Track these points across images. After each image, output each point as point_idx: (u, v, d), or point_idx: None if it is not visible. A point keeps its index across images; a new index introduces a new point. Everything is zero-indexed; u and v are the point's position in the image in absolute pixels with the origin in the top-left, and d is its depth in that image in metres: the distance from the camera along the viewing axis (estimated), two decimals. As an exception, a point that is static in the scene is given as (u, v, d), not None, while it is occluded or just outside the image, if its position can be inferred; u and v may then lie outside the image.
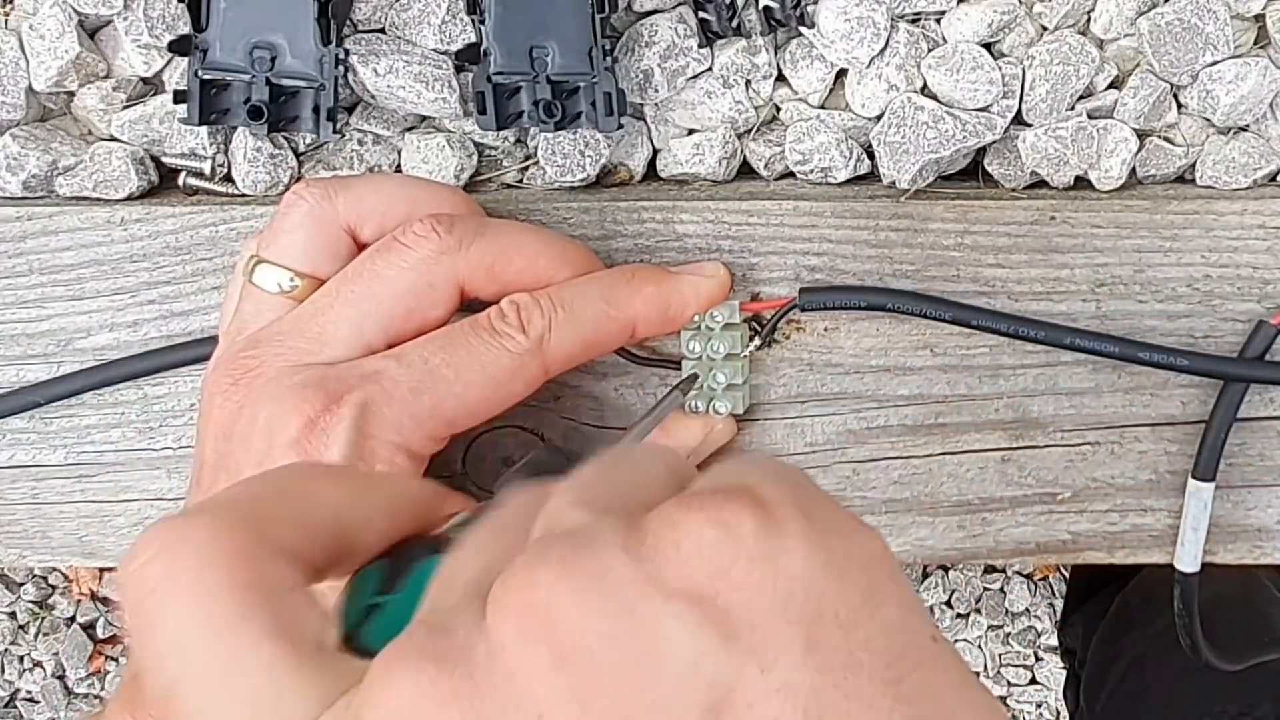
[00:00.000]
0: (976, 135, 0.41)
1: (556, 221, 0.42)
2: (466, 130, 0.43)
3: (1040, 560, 0.44)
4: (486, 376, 0.35)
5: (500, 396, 0.36)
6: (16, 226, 0.42)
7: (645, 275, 0.39)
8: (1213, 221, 0.41)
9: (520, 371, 0.36)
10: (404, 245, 0.36)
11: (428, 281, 0.36)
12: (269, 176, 0.42)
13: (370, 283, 0.36)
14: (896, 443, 0.42)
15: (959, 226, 0.41)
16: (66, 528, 0.44)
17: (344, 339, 0.35)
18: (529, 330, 0.36)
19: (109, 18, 0.42)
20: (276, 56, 0.40)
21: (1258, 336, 0.41)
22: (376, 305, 0.36)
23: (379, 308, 0.36)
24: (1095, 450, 0.42)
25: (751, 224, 0.41)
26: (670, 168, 0.43)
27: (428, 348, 0.35)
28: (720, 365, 0.40)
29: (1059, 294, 0.41)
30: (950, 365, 0.42)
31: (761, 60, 0.42)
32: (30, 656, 1.38)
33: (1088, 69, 0.40)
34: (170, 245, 0.42)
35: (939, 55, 0.41)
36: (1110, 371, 0.42)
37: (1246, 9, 0.40)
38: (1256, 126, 0.42)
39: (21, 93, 0.42)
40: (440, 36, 0.41)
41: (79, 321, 0.43)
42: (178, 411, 0.43)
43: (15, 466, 0.44)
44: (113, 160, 0.43)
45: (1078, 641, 0.86)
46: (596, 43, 0.39)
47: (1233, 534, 0.43)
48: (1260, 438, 0.42)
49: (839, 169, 0.42)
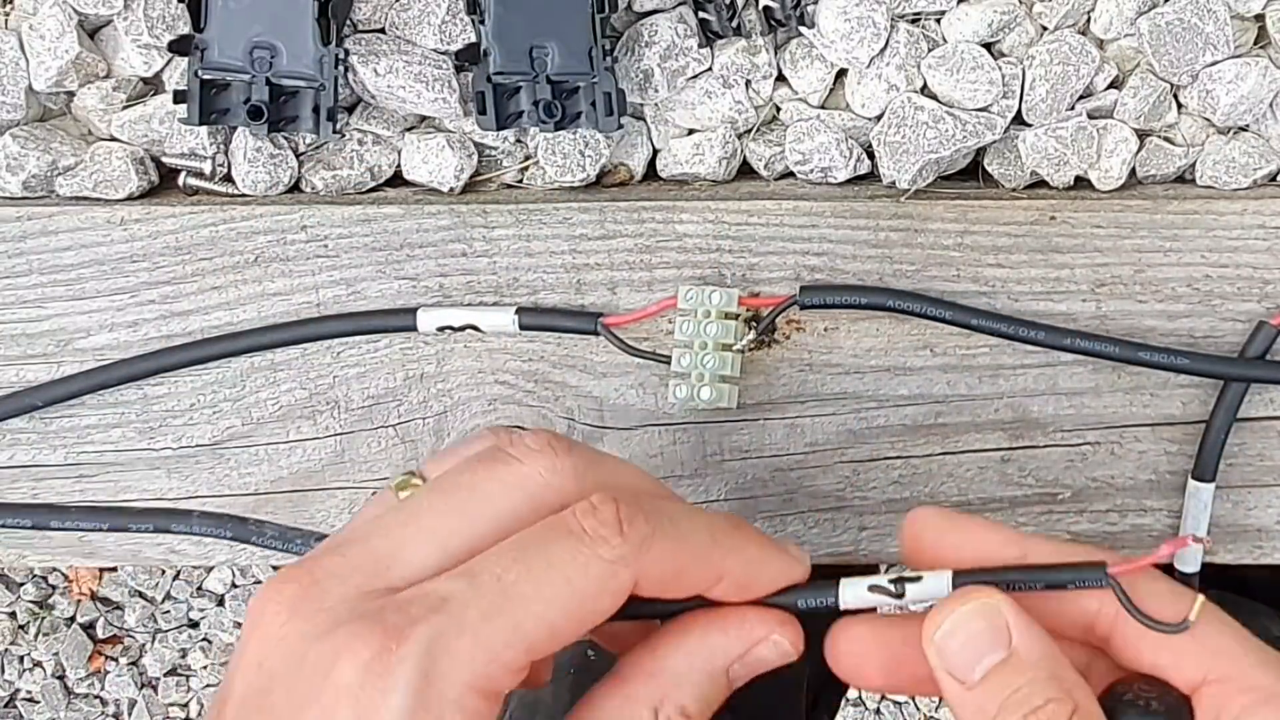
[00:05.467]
0: (976, 135, 0.41)
1: (556, 221, 0.42)
2: (466, 130, 0.43)
3: (1040, 560, 0.44)
4: (570, 589, 0.29)
5: (587, 613, 0.29)
6: (16, 226, 0.42)
7: (749, 533, 0.33)
8: (1213, 221, 0.41)
9: (611, 582, 0.29)
10: (512, 458, 0.31)
11: (533, 505, 0.31)
12: (269, 176, 0.42)
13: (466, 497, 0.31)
14: (896, 443, 0.42)
15: (959, 226, 0.41)
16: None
17: (420, 559, 0.30)
18: (629, 534, 0.30)
19: (109, 18, 0.42)
20: (276, 56, 0.40)
21: (1258, 337, 0.41)
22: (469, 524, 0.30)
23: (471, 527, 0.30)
24: (1095, 450, 0.42)
25: (751, 224, 0.41)
26: (670, 168, 0.43)
27: (502, 561, 0.29)
28: (712, 351, 0.40)
29: (1059, 294, 0.41)
30: (950, 365, 0.42)
31: (761, 60, 0.42)
32: (30, 656, 1.38)
33: (1088, 69, 0.40)
34: (170, 245, 0.42)
35: (939, 55, 0.41)
36: (1110, 371, 0.42)
37: (1246, 9, 0.40)
38: (1256, 126, 0.42)
39: (21, 93, 0.42)
40: (440, 36, 0.41)
41: (79, 321, 0.43)
42: (178, 412, 0.43)
43: (15, 466, 0.44)
44: (113, 160, 0.43)
45: None
46: (596, 43, 0.39)
47: (1233, 534, 0.43)
48: (1260, 438, 0.42)
49: (839, 169, 0.42)
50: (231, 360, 0.43)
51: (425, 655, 0.27)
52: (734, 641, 0.33)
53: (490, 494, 0.31)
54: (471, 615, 0.28)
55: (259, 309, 0.43)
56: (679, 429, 0.43)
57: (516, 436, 0.32)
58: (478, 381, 0.43)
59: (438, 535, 0.30)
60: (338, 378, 0.43)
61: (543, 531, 0.30)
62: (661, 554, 0.30)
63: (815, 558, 0.43)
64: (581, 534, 0.29)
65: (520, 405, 0.43)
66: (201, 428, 0.43)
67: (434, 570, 0.30)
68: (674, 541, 0.30)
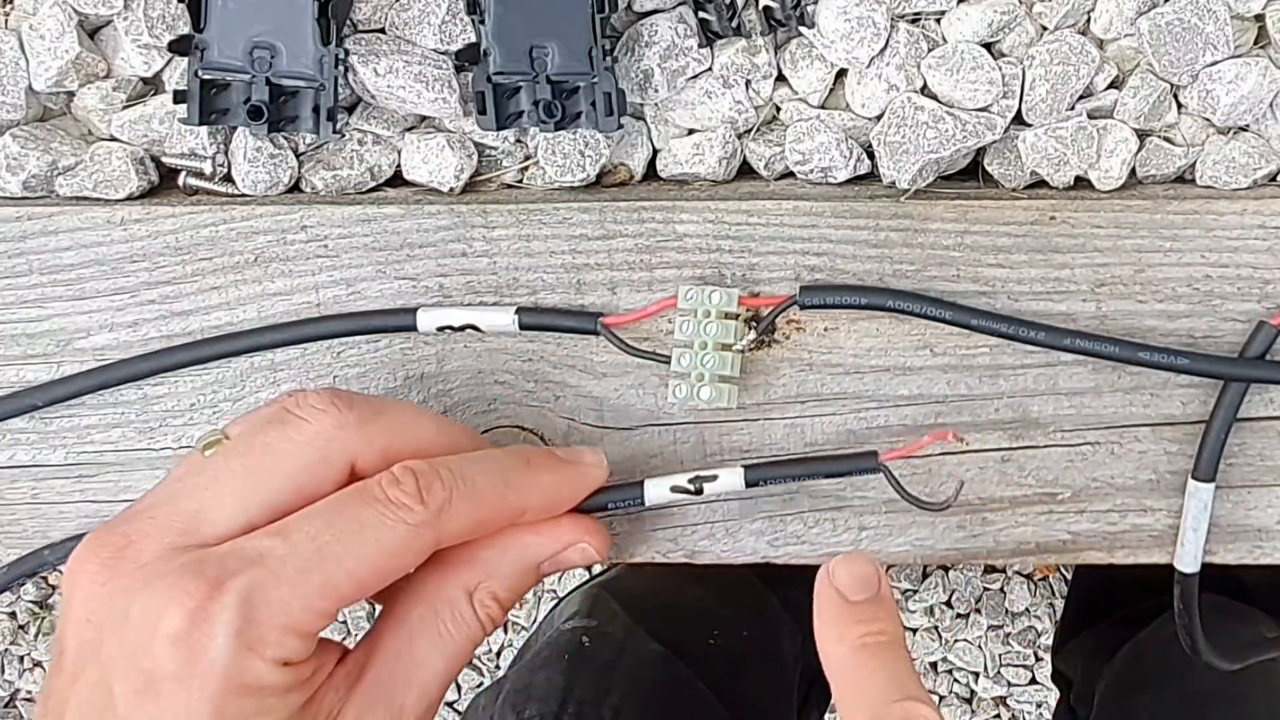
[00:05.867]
0: (976, 135, 0.41)
1: (556, 221, 0.42)
2: (466, 130, 0.43)
3: (1040, 560, 0.44)
4: (379, 550, 0.33)
5: (392, 569, 0.34)
6: (16, 226, 0.42)
7: (541, 463, 0.38)
8: (1213, 221, 0.41)
9: (414, 543, 0.34)
10: (300, 419, 0.35)
11: (323, 458, 0.34)
12: (269, 176, 0.42)
13: (261, 457, 0.34)
14: (896, 443, 0.42)
15: (959, 226, 0.41)
16: (66, 528, 0.44)
17: (226, 518, 0.33)
18: (428, 501, 0.34)
19: (109, 18, 0.42)
20: (276, 56, 0.40)
21: (1258, 337, 0.41)
22: (266, 481, 0.34)
23: (269, 484, 0.34)
24: (1095, 450, 0.42)
25: (751, 224, 0.41)
26: (670, 168, 0.43)
27: (314, 523, 0.33)
28: (712, 351, 0.40)
29: (1059, 294, 0.41)
30: (950, 365, 0.42)
31: (761, 60, 0.42)
32: (30, 656, 1.38)
33: (1088, 69, 0.40)
34: (170, 245, 0.42)
35: (939, 55, 0.41)
36: (1110, 371, 0.42)
37: (1246, 9, 0.40)
38: (1256, 126, 0.42)
39: (21, 93, 0.42)
40: (440, 36, 0.41)
41: (79, 321, 0.43)
42: (177, 412, 0.43)
43: (15, 466, 0.44)
44: (113, 160, 0.43)
45: (1075, 673, 0.85)
46: (596, 43, 0.39)
47: (1233, 534, 0.43)
48: (1260, 438, 0.42)
49: (839, 169, 0.42)
50: (231, 360, 0.43)
51: (245, 603, 0.31)
52: (546, 541, 0.38)
53: (284, 454, 0.34)
54: (288, 570, 0.32)
55: (259, 309, 0.43)
56: (679, 429, 0.43)
57: (301, 396, 0.35)
58: (478, 381, 0.43)
59: (239, 495, 0.34)
60: (338, 378, 0.43)
61: (352, 497, 0.34)
62: (459, 513, 0.35)
63: (815, 558, 0.43)
64: (387, 502, 0.34)
65: (520, 405, 0.43)
66: (201, 428, 0.43)
67: (240, 528, 0.33)
68: (469, 500, 0.35)
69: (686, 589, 0.74)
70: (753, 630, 0.74)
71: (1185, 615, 0.44)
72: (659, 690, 0.64)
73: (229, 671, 0.31)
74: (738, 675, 0.69)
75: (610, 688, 0.61)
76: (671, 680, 0.65)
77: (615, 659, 0.64)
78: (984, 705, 1.32)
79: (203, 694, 0.31)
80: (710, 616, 0.72)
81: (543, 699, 0.59)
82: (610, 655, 0.64)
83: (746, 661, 0.72)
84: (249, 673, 0.31)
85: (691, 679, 0.66)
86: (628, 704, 0.61)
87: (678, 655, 0.66)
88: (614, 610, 0.68)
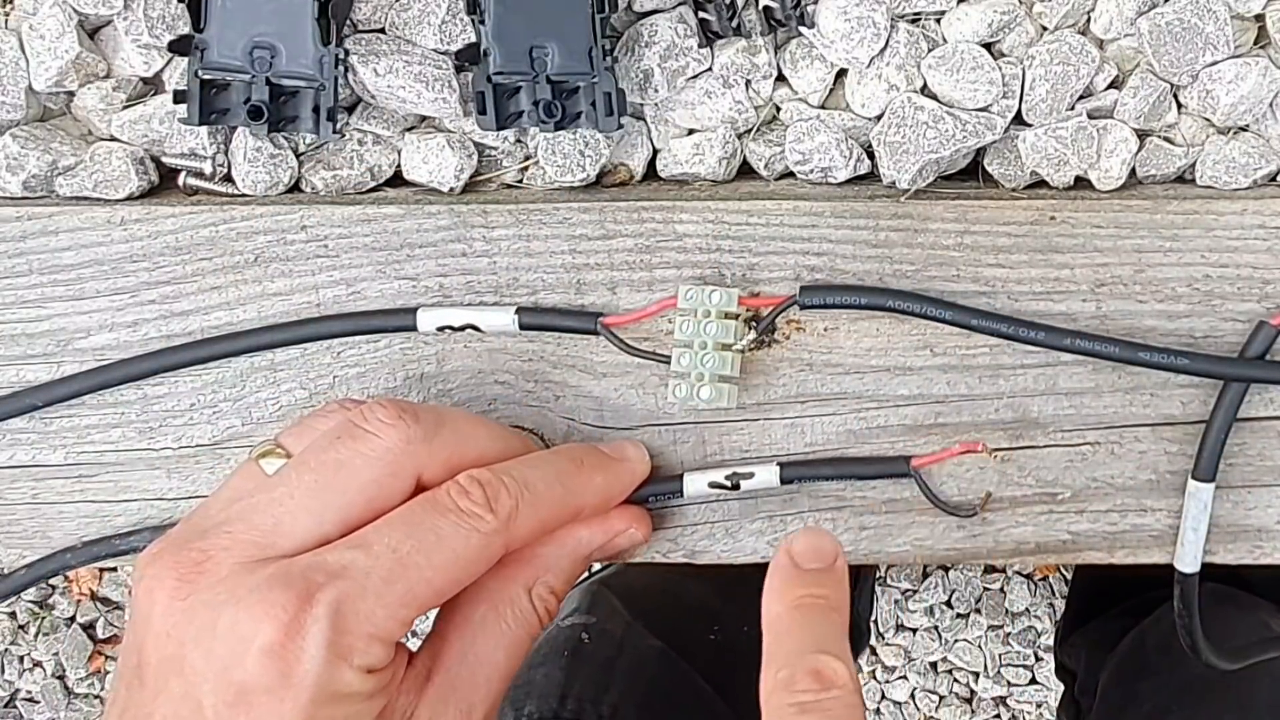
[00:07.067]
0: (976, 135, 0.41)
1: (556, 221, 0.42)
2: (466, 130, 0.43)
3: (1040, 560, 0.44)
4: (455, 558, 0.35)
5: (467, 576, 0.36)
6: (16, 226, 0.42)
7: (593, 463, 0.40)
8: (1213, 221, 0.41)
9: (486, 551, 0.36)
10: (369, 433, 0.35)
11: (392, 472, 0.35)
12: (269, 176, 0.42)
13: (334, 472, 0.35)
14: (896, 443, 0.42)
15: (959, 226, 0.41)
16: (66, 528, 0.44)
17: (301, 531, 0.34)
18: (497, 510, 0.36)
19: (109, 18, 0.42)
20: (276, 56, 0.40)
21: (1258, 337, 0.41)
22: (339, 495, 0.35)
23: (342, 498, 0.35)
24: (1095, 450, 0.42)
25: (751, 224, 0.41)
26: (670, 168, 0.43)
27: (393, 535, 0.34)
28: (712, 351, 0.40)
29: (1059, 294, 0.41)
30: (950, 365, 0.42)
31: (761, 60, 0.42)
32: (30, 656, 1.38)
33: (1088, 69, 0.40)
34: (170, 245, 0.42)
35: (939, 55, 0.41)
36: (1110, 371, 0.42)
37: (1246, 9, 0.40)
38: (1256, 126, 0.42)
39: (21, 93, 0.42)
40: (440, 36, 0.41)
41: (79, 321, 0.43)
42: (177, 411, 0.43)
43: (15, 466, 0.44)
44: (113, 160, 0.43)
45: (1079, 665, 0.85)
46: (596, 43, 0.39)
47: (1233, 534, 0.43)
48: (1260, 438, 0.42)
49: (839, 169, 0.42)
50: (231, 360, 0.43)
51: (335, 614, 0.32)
52: (598, 533, 0.40)
53: (356, 469, 0.35)
54: (373, 580, 0.33)
55: (259, 309, 0.43)
56: (679, 429, 0.43)
57: (368, 409, 0.36)
58: (478, 381, 0.43)
59: (313, 510, 0.34)
60: (338, 378, 0.43)
61: (426, 509, 0.35)
62: (525, 519, 0.36)
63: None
64: (459, 512, 0.35)
65: (520, 405, 0.43)
66: (201, 428, 0.43)
67: (315, 541, 0.34)
68: (533, 506, 0.37)
69: (686, 585, 0.74)
70: (753, 626, 0.74)
71: (1185, 615, 0.44)
72: (659, 686, 0.64)
73: (321, 681, 0.32)
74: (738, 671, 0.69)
75: (610, 684, 0.61)
76: (671, 676, 0.65)
77: (615, 655, 0.64)
78: (984, 705, 1.32)
79: (296, 704, 0.32)
80: (710, 612, 0.72)
81: (542, 696, 0.59)
82: (610, 652, 0.64)
83: (746, 657, 0.72)
84: (339, 681, 0.32)
85: (691, 675, 0.66)
86: (627, 700, 0.61)
87: (677, 651, 0.66)
88: (614, 606, 0.68)
